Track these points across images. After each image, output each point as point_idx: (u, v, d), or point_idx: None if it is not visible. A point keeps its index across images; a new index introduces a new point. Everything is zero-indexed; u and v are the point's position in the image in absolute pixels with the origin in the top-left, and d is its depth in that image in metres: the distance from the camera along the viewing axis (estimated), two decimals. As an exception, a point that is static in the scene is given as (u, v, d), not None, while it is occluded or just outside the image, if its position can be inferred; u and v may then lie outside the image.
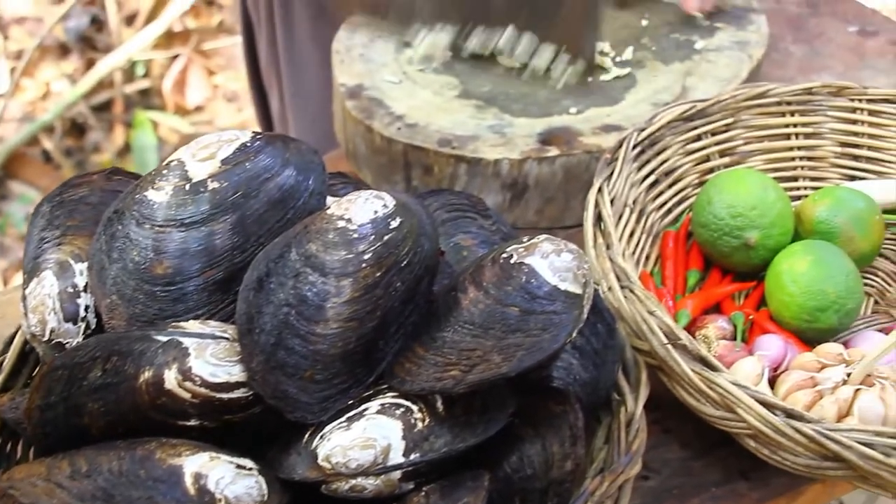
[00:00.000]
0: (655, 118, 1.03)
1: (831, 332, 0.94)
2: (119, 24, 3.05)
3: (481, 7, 1.29)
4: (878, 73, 1.36)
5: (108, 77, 2.93)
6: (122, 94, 2.97)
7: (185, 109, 3.05)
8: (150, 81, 3.04)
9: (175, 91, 3.05)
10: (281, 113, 1.66)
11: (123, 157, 2.83)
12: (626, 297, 0.85)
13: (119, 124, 2.93)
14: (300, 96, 1.57)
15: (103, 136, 2.89)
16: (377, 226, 0.71)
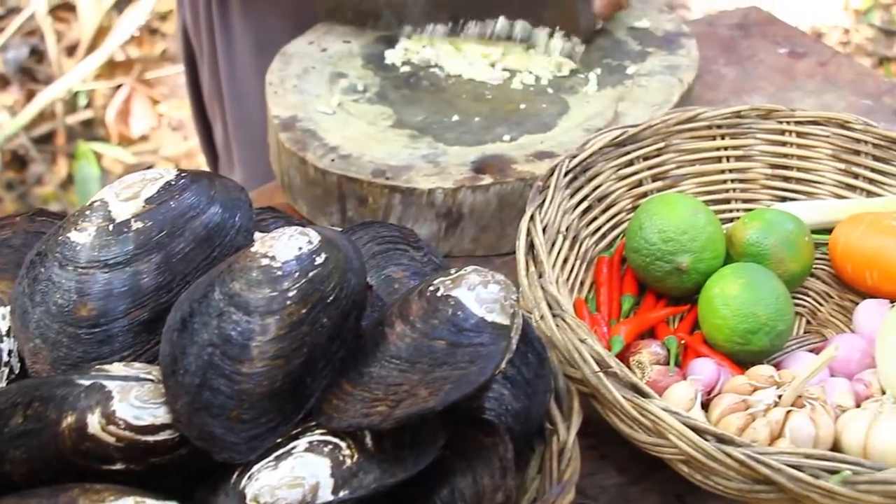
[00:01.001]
0: (587, 144, 1.04)
1: (764, 353, 0.95)
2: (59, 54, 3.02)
3: (472, 2, 1.30)
4: (807, 94, 1.38)
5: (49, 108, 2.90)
6: (64, 126, 2.94)
7: (130, 139, 3.02)
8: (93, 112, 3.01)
9: (119, 121, 3.02)
10: (225, 142, 1.65)
11: (66, 190, 2.80)
12: (558, 326, 0.85)
13: (62, 156, 2.90)
14: (243, 126, 1.57)
15: (46, 168, 2.86)
16: (302, 262, 0.71)
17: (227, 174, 1.63)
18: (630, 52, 1.30)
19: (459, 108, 1.20)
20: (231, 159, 1.64)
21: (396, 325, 0.73)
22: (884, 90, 1.39)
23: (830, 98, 1.37)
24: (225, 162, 1.67)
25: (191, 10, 1.57)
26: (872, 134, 1.09)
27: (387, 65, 1.28)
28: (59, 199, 2.77)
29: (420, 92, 1.23)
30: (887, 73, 3.44)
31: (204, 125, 1.70)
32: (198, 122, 1.71)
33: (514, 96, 1.22)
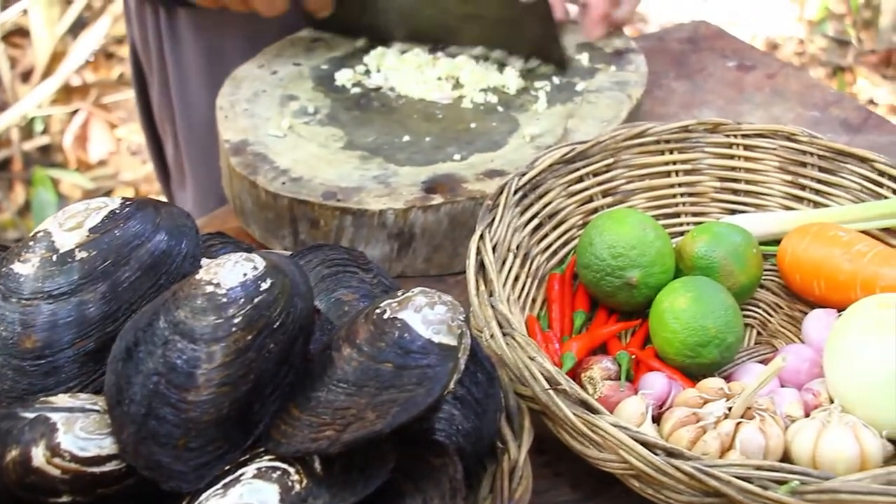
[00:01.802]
0: (536, 162, 1.05)
1: (714, 366, 0.96)
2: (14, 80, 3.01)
3: (451, 30, 1.32)
4: (755, 106, 1.40)
5: (5, 135, 2.88)
6: (20, 152, 2.92)
7: (89, 164, 3.01)
8: (49, 138, 3.00)
9: (76, 146, 3.01)
10: (177, 162, 1.64)
11: (24, 217, 2.78)
12: (508, 344, 0.86)
13: (18, 183, 2.88)
14: (195, 145, 1.57)
15: (2, 195, 2.84)
16: (247, 289, 0.71)
17: (180, 194, 1.63)
18: (579, 69, 1.30)
19: (410, 129, 1.20)
20: (184, 179, 1.64)
21: (343, 348, 0.73)
22: (831, 101, 1.40)
23: (779, 110, 1.39)
24: (177, 180, 1.67)
25: (139, 29, 1.56)
26: (817, 146, 1.11)
27: (337, 86, 1.28)
28: (17, 227, 2.75)
29: (371, 113, 1.23)
30: (840, 82, 3.48)
31: (156, 146, 1.69)
32: (150, 142, 1.71)
33: (465, 115, 1.23)
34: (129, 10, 1.60)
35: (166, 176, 1.72)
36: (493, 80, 1.27)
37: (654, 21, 4.20)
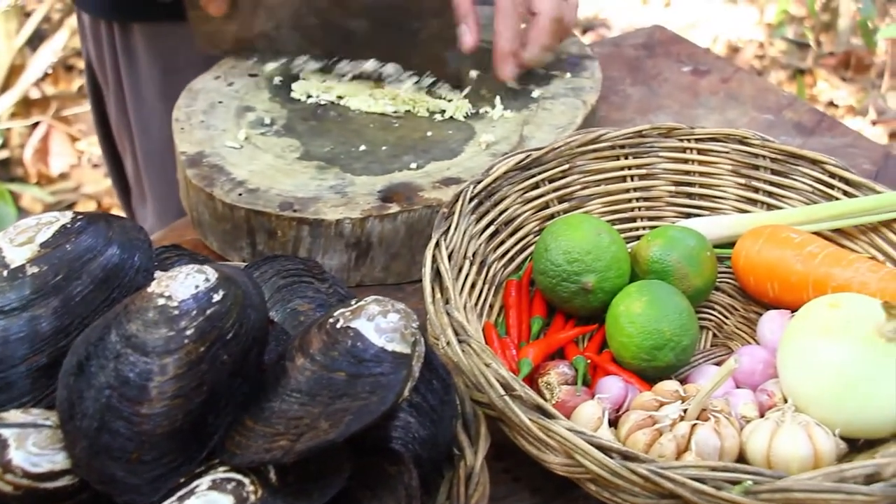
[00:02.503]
0: (492, 169, 1.05)
1: (671, 368, 0.97)
2: (-29, 95, 2.99)
3: (345, 39, 1.30)
4: (710, 110, 1.41)
5: (-37, 149, 2.87)
6: (-21, 166, 2.91)
7: (50, 178, 2.99)
8: (9, 151, 2.98)
9: (37, 160, 2.99)
10: (136, 175, 1.64)
11: (-16, 231, 2.75)
12: (464, 351, 0.86)
13: (-22, 197, 2.87)
14: (154, 157, 1.56)
15: (-38, 210, 2.82)
16: (199, 301, 0.71)
17: (140, 208, 1.63)
18: (535, 76, 1.31)
19: (367, 138, 1.20)
20: (143, 192, 1.63)
21: (297, 358, 0.73)
22: (784, 104, 1.42)
23: (733, 114, 1.40)
24: (137, 195, 1.66)
25: (94, 42, 1.56)
26: (770, 149, 1.12)
27: (294, 97, 1.28)
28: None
29: (327, 123, 1.24)
30: (800, 85, 3.51)
31: (114, 160, 1.69)
32: (107, 156, 1.70)
33: (421, 124, 1.23)
34: (84, 27, 1.59)
35: (126, 192, 1.72)
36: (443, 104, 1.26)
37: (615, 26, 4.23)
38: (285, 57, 1.34)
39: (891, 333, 0.87)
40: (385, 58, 1.31)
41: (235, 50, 1.36)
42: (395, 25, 1.28)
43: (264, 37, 1.34)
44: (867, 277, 0.97)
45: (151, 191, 1.61)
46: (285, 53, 1.34)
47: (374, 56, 1.31)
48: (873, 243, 1.06)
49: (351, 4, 1.27)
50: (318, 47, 1.33)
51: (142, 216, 1.68)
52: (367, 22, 1.29)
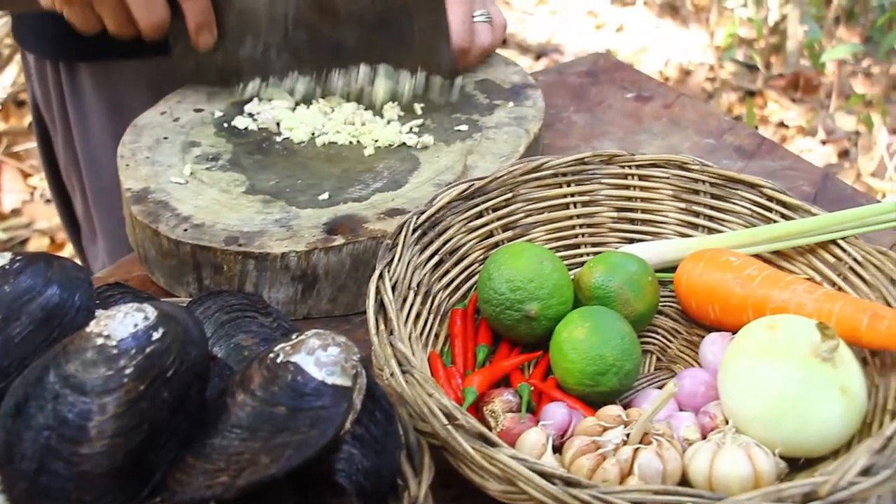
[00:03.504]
0: (435, 200, 1.06)
1: (614, 393, 0.98)
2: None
3: (334, 51, 1.32)
4: (653, 136, 1.43)
5: (-86, 187, 2.85)
6: (-70, 204, 2.89)
7: (2, 214, 2.97)
8: (-40, 188, 2.96)
9: (-12, 196, 2.98)
10: (86, 213, 1.64)
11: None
12: (408, 382, 0.87)
13: (-71, 235, 2.85)
14: (103, 195, 1.56)
15: (-87, 249, 2.79)
16: (138, 339, 0.71)
17: (90, 246, 1.62)
18: (478, 105, 1.33)
19: (312, 171, 1.21)
20: (93, 229, 1.63)
21: (237, 394, 0.73)
22: (725, 129, 1.44)
23: (676, 139, 1.42)
24: (87, 233, 1.66)
25: (40, 82, 1.56)
26: (709, 173, 1.14)
27: (239, 131, 1.29)
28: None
29: (273, 156, 1.24)
30: (749, 106, 3.56)
31: (62, 198, 1.68)
32: (56, 195, 1.70)
33: (367, 156, 1.24)
34: (29, 67, 1.59)
35: (76, 230, 1.71)
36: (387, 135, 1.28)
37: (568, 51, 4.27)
38: (273, 77, 1.35)
39: (826, 353, 0.89)
40: (376, 61, 1.33)
41: (221, 79, 1.37)
42: (386, 26, 1.29)
43: (251, 62, 1.35)
44: (804, 298, 0.99)
45: (102, 228, 1.61)
46: (273, 74, 1.35)
47: (364, 61, 1.33)
48: (811, 264, 1.07)
49: (340, 13, 1.29)
50: (307, 63, 1.34)
51: (92, 254, 1.68)
52: (357, 28, 1.31)
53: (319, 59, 1.33)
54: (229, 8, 1.31)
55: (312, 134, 1.28)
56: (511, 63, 1.43)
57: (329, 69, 1.34)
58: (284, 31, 1.32)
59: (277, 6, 1.30)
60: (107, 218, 1.58)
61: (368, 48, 1.32)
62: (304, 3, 1.29)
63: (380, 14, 1.28)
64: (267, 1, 1.30)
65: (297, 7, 1.30)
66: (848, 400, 0.89)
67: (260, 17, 1.31)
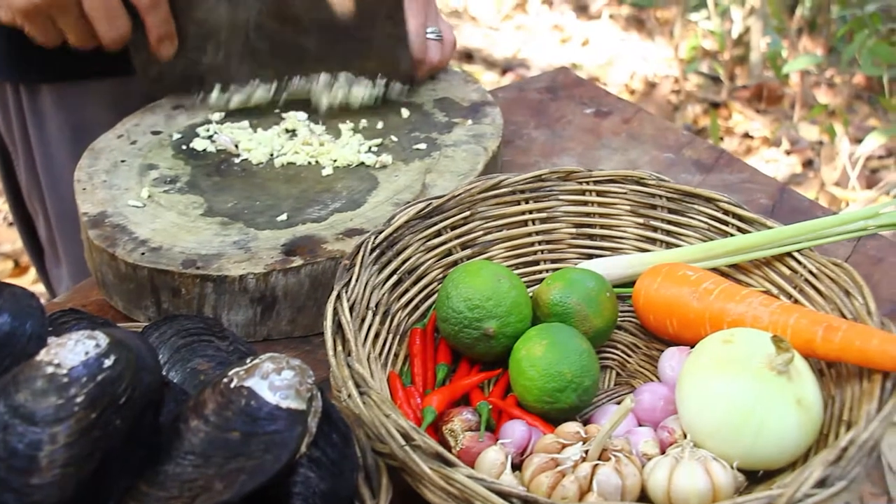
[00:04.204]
0: (393, 219, 1.06)
1: (574, 410, 0.98)
2: None
3: (295, 58, 1.32)
4: (612, 151, 1.44)
5: None
6: None
7: (-37, 237, 2.95)
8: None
9: (-49, 220, 2.95)
10: (49, 237, 1.63)
11: None
12: (365, 403, 0.87)
13: None
14: (66, 218, 1.55)
15: None
16: (89, 367, 0.71)
17: (54, 269, 1.61)
18: (437, 124, 1.33)
19: (271, 192, 1.21)
20: (57, 253, 1.62)
21: (191, 420, 0.73)
22: (683, 143, 1.45)
23: (635, 154, 1.43)
24: (51, 256, 1.65)
25: (1, 108, 1.55)
26: (665, 188, 1.15)
27: (198, 153, 1.29)
28: None
29: (231, 178, 1.24)
30: (713, 118, 3.58)
31: (25, 222, 1.67)
32: (17, 219, 1.69)
33: (326, 176, 1.24)
34: None
35: (39, 253, 1.70)
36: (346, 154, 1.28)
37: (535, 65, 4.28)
38: (235, 84, 1.35)
39: (781, 366, 0.90)
40: (338, 68, 1.33)
41: (183, 87, 1.38)
42: (347, 34, 1.29)
43: (213, 69, 1.35)
44: (760, 312, 0.99)
45: (65, 252, 1.60)
46: (235, 81, 1.35)
47: (325, 69, 1.33)
48: (767, 277, 1.08)
49: (301, 21, 1.29)
50: (269, 69, 1.34)
51: (56, 277, 1.67)
52: (318, 35, 1.31)
53: (280, 65, 1.34)
54: (189, 17, 1.31)
55: (271, 155, 1.28)
56: (470, 80, 1.44)
57: (290, 76, 1.35)
58: (245, 38, 1.32)
59: (238, 14, 1.30)
60: (70, 242, 1.57)
61: (329, 55, 1.32)
62: (265, 10, 1.29)
63: (340, 22, 1.29)
64: (227, 9, 1.30)
65: (258, 14, 1.30)
66: (804, 412, 0.90)
67: (221, 25, 1.31)
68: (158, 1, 1.28)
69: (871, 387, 0.89)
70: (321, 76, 1.34)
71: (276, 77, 1.35)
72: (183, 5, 1.31)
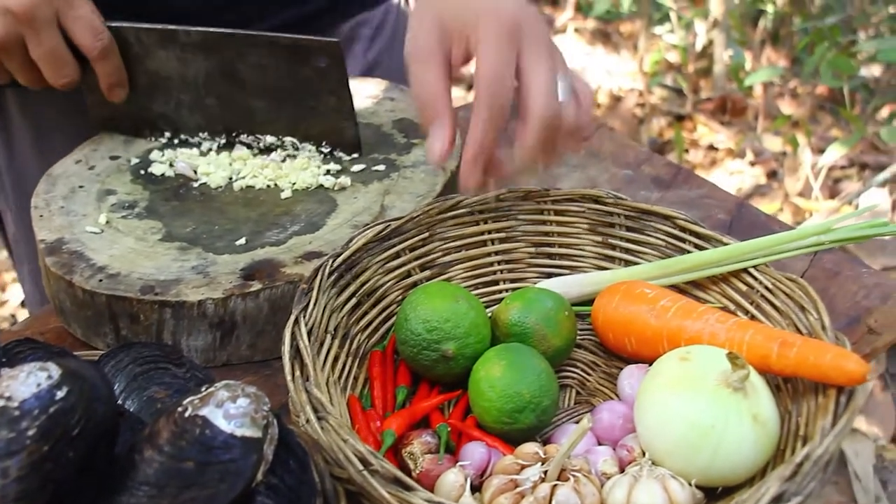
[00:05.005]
0: (351, 242, 1.06)
1: (534, 430, 0.98)
2: None
3: (244, 116, 1.32)
4: (572, 169, 1.44)
5: None
6: None
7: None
8: None
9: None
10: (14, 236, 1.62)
11: None
12: (323, 428, 0.87)
13: None
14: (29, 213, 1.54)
15: None
16: (41, 399, 0.70)
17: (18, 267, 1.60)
18: (396, 145, 1.33)
19: (230, 216, 1.21)
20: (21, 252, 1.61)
21: (146, 450, 0.73)
22: (642, 159, 1.46)
23: (594, 171, 1.44)
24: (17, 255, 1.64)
25: None
26: (623, 206, 1.15)
27: (156, 177, 1.28)
28: None
29: (190, 202, 1.24)
30: (677, 131, 3.61)
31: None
32: None
33: (285, 199, 1.24)
34: None
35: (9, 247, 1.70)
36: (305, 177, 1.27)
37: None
38: (185, 134, 1.35)
39: (736, 383, 0.90)
40: (284, 132, 1.32)
41: (134, 130, 1.38)
42: (293, 102, 1.29)
43: (163, 116, 1.35)
44: (716, 328, 1.00)
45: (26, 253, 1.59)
46: (185, 131, 1.35)
47: (273, 130, 1.32)
48: (725, 293, 1.09)
49: (248, 84, 1.29)
50: (219, 124, 1.34)
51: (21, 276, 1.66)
52: (265, 99, 1.30)
53: (230, 121, 1.34)
54: (140, 67, 1.31)
55: (230, 178, 1.28)
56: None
57: (239, 132, 1.34)
58: (196, 93, 1.32)
59: (188, 69, 1.30)
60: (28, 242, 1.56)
61: (277, 118, 1.32)
62: (214, 73, 1.29)
63: (287, 89, 1.28)
64: (177, 65, 1.30)
65: (207, 75, 1.30)
66: (760, 427, 0.90)
67: (171, 78, 1.31)
68: (108, 52, 1.27)
69: (825, 402, 0.90)
70: (268, 137, 1.33)
71: (226, 131, 1.35)
72: (134, 56, 1.31)
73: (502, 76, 0.99)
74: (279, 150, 1.33)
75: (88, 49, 1.25)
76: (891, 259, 2.66)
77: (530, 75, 1.00)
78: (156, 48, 1.29)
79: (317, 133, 1.31)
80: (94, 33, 1.25)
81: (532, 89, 1.00)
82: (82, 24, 1.24)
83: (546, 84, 1.00)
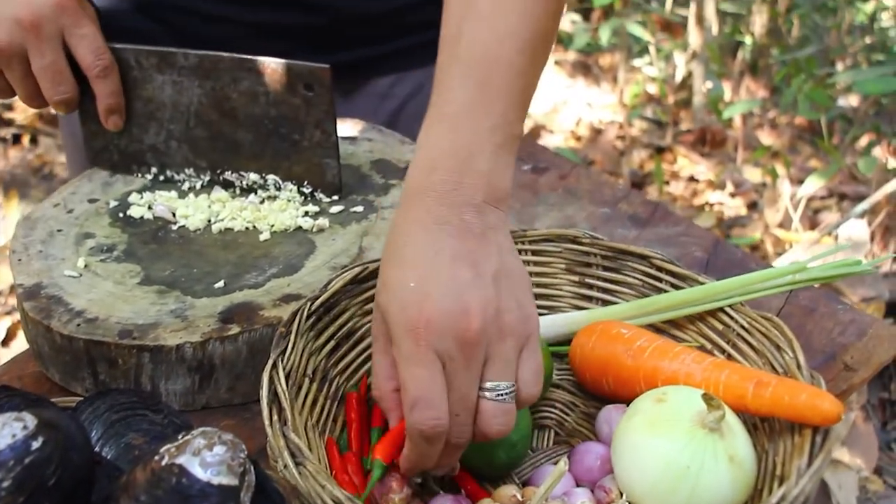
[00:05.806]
0: (330, 284, 1.07)
1: (507, 466, 0.99)
2: None
3: (230, 151, 1.33)
4: (550, 207, 1.45)
5: None
6: None
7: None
8: None
9: None
10: None
11: None
12: (301, 473, 0.87)
13: None
14: None
15: None
16: (16, 450, 0.71)
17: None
18: (374, 186, 1.34)
19: (208, 259, 1.21)
20: None
21: (122, 500, 0.73)
22: (619, 197, 1.47)
23: (572, 209, 1.45)
24: None
25: None
26: (599, 246, 1.16)
27: (135, 220, 1.29)
28: None
29: (168, 245, 1.24)
30: (657, 163, 3.63)
31: None
32: None
33: (263, 241, 1.24)
34: None
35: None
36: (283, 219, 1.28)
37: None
38: (171, 170, 1.36)
39: (712, 424, 0.91)
40: (267, 169, 1.33)
41: (124, 165, 1.38)
42: (279, 135, 1.30)
43: (153, 149, 1.36)
44: (692, 369, 1.00)
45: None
46: (172, 166, 1.36)
47: (257, 168, 1.33)
48: (701, 332, 1.10)
49: (237, 113, 1.30)
50: (204, 159, 1.34)
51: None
52: (252, 132, 1.31)
53: (215, 157, 1.34)
54: (137, 93, 1.32)
55: (208, 221, 1.28)
56: (406, 141, 1.44)
57: (223, 170, 1.35)
58: (186, 124, 1.33)
59: (182, 98, 1.31)
60: None
61: (262, 152, 1.32)
62: (206, 99, 1.30)
63: (274, 119, 1.29)
64: (171, 92, 1.31)
65: (199, 103, 1.31)
66: (737, 468, 0.91)
67: (165, 106, 1.32)
68: (109, 71, 1.29)
69: (801, 441, 0.90)
70: (251, 175, 1.34)
71: (210, 168, 1.35)
72: (131, 81, 1.32)
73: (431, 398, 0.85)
74: (260, 190, 1.33)
75: (89, 66, 1.27)
76: (870, 290, 2.68)
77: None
78: (153, 71, 1.31)
79: (300, 172, 1.31)
80: (96, 52, 1.27)
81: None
82: (86, 43, 1.26)
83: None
